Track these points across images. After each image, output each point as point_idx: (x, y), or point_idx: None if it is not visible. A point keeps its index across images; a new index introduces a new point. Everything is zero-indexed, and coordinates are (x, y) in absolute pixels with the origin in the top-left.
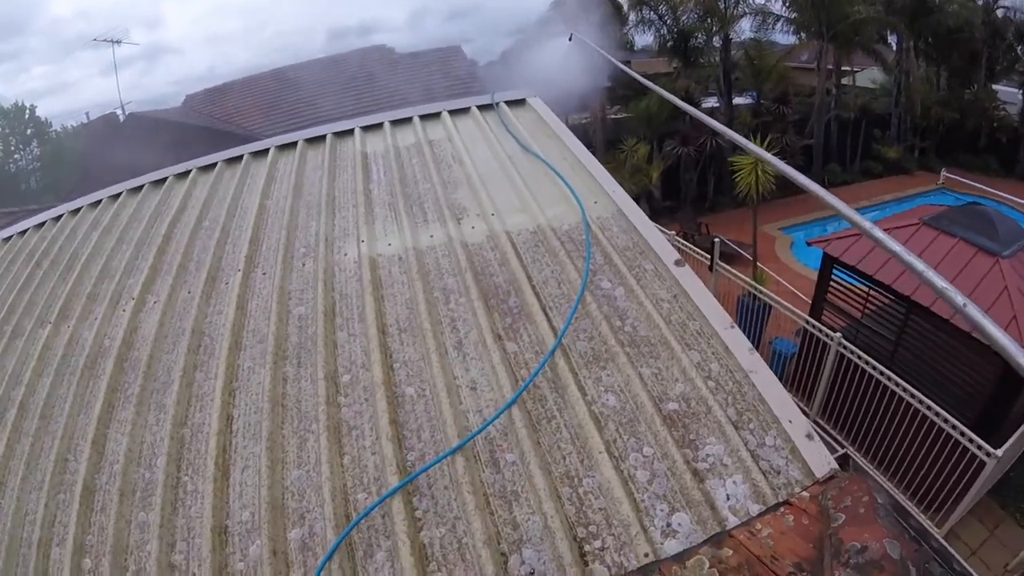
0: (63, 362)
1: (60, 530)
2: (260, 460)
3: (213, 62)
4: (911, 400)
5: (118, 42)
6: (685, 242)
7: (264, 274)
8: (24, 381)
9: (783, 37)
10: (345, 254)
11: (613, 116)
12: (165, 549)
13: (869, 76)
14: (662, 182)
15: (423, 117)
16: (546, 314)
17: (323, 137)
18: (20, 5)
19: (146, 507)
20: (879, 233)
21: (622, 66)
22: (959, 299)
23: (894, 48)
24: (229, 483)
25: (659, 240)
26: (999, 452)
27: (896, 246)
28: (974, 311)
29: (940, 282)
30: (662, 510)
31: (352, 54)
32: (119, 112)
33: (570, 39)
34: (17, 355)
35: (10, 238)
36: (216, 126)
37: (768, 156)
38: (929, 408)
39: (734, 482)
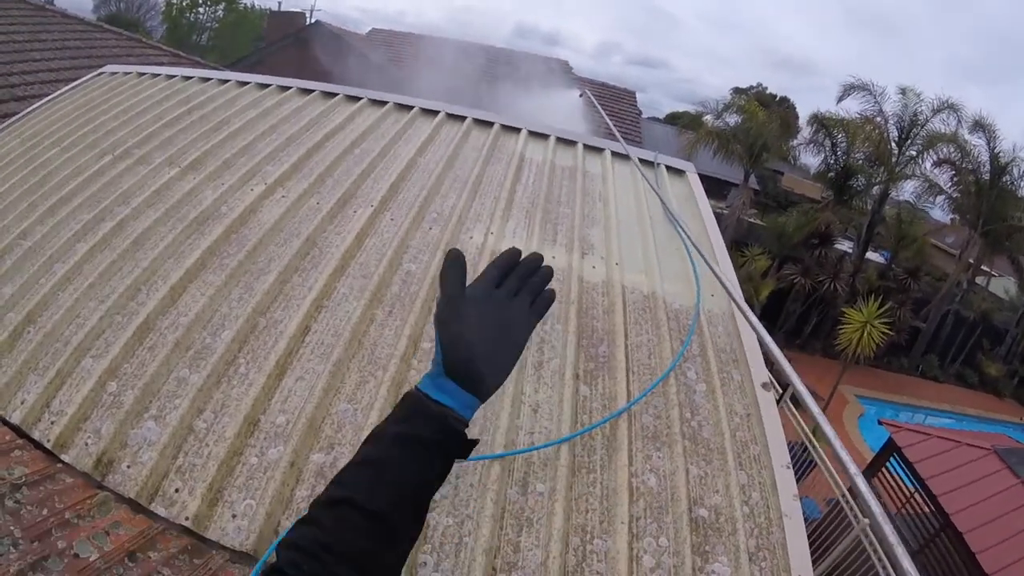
0: (176, 206)
1: (102, 345)
2: (317, 379)
3: (404, 7)
4: None
5: None
6: None
7: (392, 220)
8: (132, 204)
9: (938, 212)
10: (471, 237)
11: (748, 218)
12: (193, 411)
13: (1003, 284)
14: (766, 301)
15: (587, 147)
16: (628, 376)
17: (491, 124)
18: None
19: (193, 367)
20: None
21: (620, 139)
22: (878, 511)
23: None
24: (280, 385)
25: (756, 357)
26: None
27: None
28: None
29: (877, 508)
30: None
31: (534, 57)
32: (307, 14)
33: (581, 95)
34: (136, 180)
35: (173, 77)
36: (389, 68)
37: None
38: None
39: None
